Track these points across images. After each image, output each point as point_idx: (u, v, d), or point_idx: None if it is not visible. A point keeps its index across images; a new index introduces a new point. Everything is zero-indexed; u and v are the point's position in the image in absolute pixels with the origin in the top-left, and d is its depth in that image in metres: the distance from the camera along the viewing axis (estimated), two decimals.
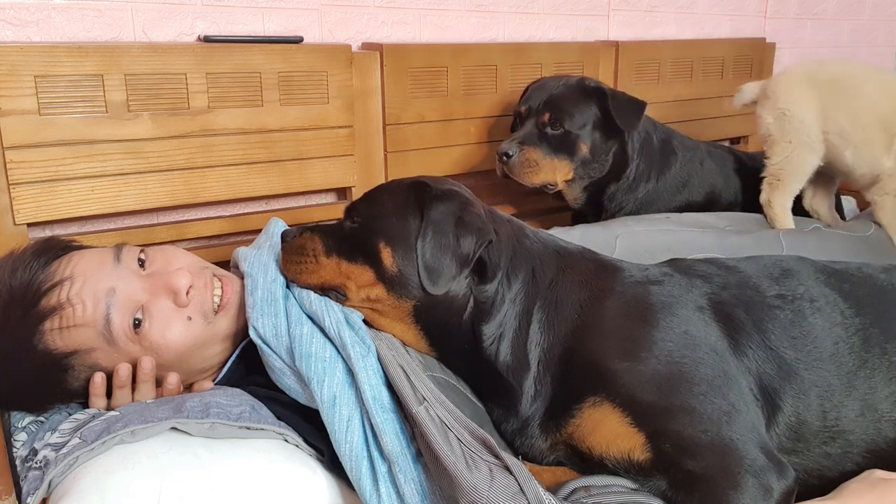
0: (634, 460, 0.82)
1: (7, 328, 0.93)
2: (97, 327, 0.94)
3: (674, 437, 0.80)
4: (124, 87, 1.23)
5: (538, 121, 1.54)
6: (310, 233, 0.99)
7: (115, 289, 0.96)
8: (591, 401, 0.85)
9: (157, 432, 0.88)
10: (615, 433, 0.83)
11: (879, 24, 2.91)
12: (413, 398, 0.86)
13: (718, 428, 0.80)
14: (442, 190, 0.94)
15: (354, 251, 0.94)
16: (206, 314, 1.01)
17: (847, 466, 0.89)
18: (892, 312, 0.96)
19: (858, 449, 0.89)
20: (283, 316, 0.96)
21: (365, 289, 0.95)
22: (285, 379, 0.95)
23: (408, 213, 0.92)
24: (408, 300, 0.93)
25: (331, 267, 0.96)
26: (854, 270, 1.02)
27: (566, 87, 1.56)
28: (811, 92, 1.50)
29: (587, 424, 0.86)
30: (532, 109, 1.56)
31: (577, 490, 0.84)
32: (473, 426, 0.85)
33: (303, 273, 0.97)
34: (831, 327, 0.93)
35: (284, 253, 1.00)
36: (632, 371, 0.85)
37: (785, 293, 0.96)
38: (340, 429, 0.87)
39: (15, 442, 0.95)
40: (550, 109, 1.53)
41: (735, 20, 2.38)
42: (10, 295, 0.93)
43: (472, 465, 0.80)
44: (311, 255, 0.97)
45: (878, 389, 0.90)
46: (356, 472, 0.85)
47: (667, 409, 0.82)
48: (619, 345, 0.88)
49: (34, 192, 1.19)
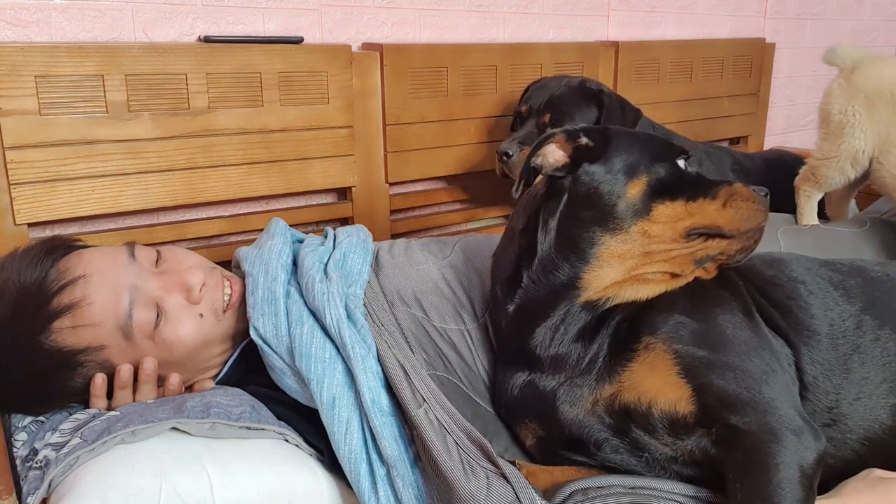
0: (680, 413, 0.82)
1: (15, 326, 0.92)
2: (118, 323, 0.94)
3: (718, 392, 0.81)
4: (125, 88, 1.23)
5: (538, 121, 1.54)
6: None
7: (135, 286, 0.96)
8: (646, 342, 0.86)
9: (158, 432, 0.88)
10: (665, 381, 0.84)
11: (879, 24, 2.91)
12: (412, 400, 0.86)
13: (759, 386, 0.82)
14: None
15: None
16: (217, 312, 1.01)
17: (846, 454, 0.90)
18: (884, 301, 0.97)
19: (856, 435, 0.90)
20: (284, 315, 0.96)
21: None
22: (286, 379, 0.95)
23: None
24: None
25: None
26: (845, 262, 1.04)
27: (568, 87, 1.56)
28: (888, 111, 1.33)
29: (642, 370, 0.86)
30: (533, 109, 1.56)
31: (575, 493, 0.84)
32: (472, 430, 0.85)
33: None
34: (825, 310, 0.95)
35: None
36: (684, 324, 0.87)
37: (778, 275, 0.99)
38: (339, 431, 0.87)
39: (15, 442, 0.95)
40: (551, 110, 1.53)
41: (735, 20, 2.38)
42: (19, 293, 0.93)
43: (470, 471, 0.80)
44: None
45: (872, 375, 0.91)
46: (355, 474, 0.86)
47: (713, 363, 0.83)
48: (676, 302, 0.90)
49: (35, 192, 1.19)
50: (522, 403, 0.95)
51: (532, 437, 0.96)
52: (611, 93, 1.58)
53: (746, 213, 0.88)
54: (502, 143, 1.53)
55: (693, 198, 0.89)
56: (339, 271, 1.02)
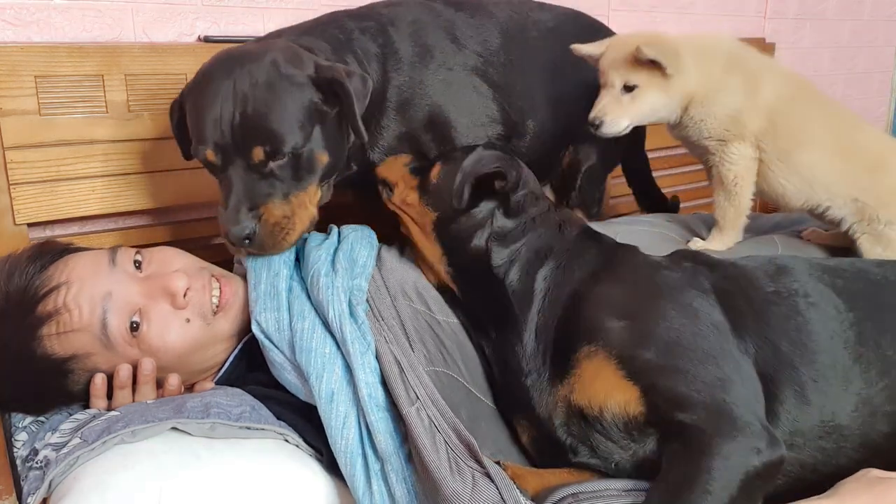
0: (631, 413, 0.82)
1: (6, 334, 0.93)
2: (94, 331, 0.94)
3: (667, 393, 0.81)
4: (125, 88, 1.23)
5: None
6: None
7: (112, 292, 0.95)
8: (586, 350, 0.87)
9: (158, 432, 0.88)
10: (611, 384, 0.84)
11: (879, 24, 2.91)
12: (405, 398, 0.86)
13: (713, 390, 0.81)
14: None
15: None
16: (205, 315, 1.01)
17: (841, 461, 0.89)
18: (885, 306, 0.96)
19: (852, 443, 0.89)
20: (286, 310, 0.97)
21: (405, 193, 1.08)
22: (286, 374, 0.95)
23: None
24: (430, 212, 1.05)
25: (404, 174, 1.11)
26: (847, 266, 1.03)
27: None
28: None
29: (586, 375, 0.86)
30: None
31: (565, 498, 0.83)
32: (461, 428, 0.85)
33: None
34: (826, 322, 0.93)
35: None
36: (630, 329, 0.87)
37: (780, 290, 0.96)
38: (337, 425, 0.88)
39: (16, 442, 0.95)
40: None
41: (735, 20, 2.38)
42: (6, 300, 0.93)
43: (456, 469, 0.80)
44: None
45: (873, 383, 0.90)
46: (350, 468, 0.86)
47: (661, 367, 0.83)
48: (622, 304, 0.91)
49: (34, 192, 1.19)
50: (512, 398, 0.96)
51: (527, 435, 0.96)
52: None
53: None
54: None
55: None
56: (346, 261, 1.02)
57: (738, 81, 1.23)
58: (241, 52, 1.01)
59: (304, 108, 0.98)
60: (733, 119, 1.23)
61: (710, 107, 1.22)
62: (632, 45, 1.16)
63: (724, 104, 1.22)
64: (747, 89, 1.23)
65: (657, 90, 1.20)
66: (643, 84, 1.19)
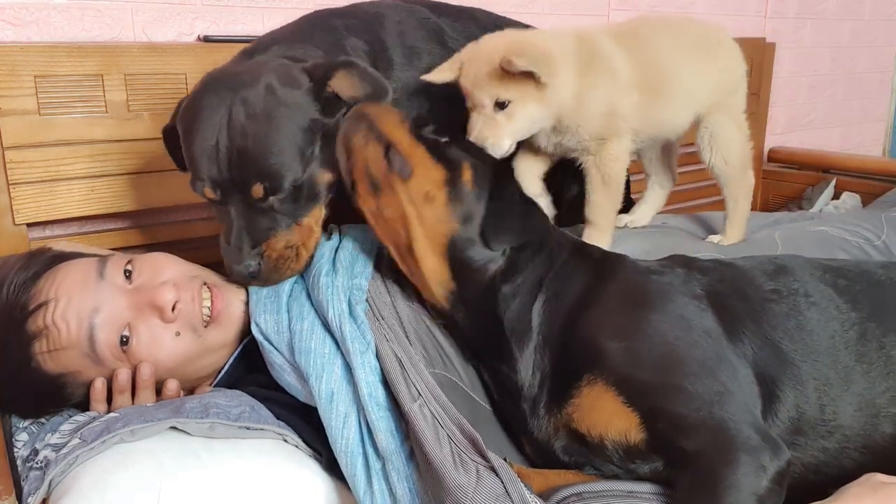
0: (632, 441, 0.82)
1: (1, 343, 0.93)
2: (82, 348, 0.94)
3: (667, 416, 0.81)
4: (124, 87, 1.23)
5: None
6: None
7: (99, 308, 0.94)
8: (587, 379, 0.86)
9: (157, 432, 0.88)
10: (611, 412, 0.83)
11: (879, 24, 2.91)
12: (407, 395, 0.86)
13: (710, 407, 0.81)
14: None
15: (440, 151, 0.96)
16: (196, 328, 0.99)
17: (844, 462, 0.89)
18: (889, 307, 0.95)
19: (855, 444, 0.89)
20: (285, 312, 0.97)
21: (429, 184, 0.93)
22: (285, 375, 0.95)
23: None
24: (453, 223, 0.93)
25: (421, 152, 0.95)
26: (850, 266, 1.02)
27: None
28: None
29: (585, 404, 0.86)
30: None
31: (569, 497, 0.83)
32: (465, 423, 0.85)
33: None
34: (827, 321, 0.93)
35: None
36: (625, 350, 0.86)
37: (780, 288, 0.96)
38: (337, 425, 0.87)
39: (16, 442, 0.95)
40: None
41: (735, 20, 2.38)
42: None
43: (460, 464, 0.80)
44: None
45: (876, 384, 0.90)
46: (351, 468, 0.86)
47: (659, 387, 0.83)
48: (615, 325, 0.90)
49: (34, 192, 1.19)
50: (511, 419, 0.96)
51: (528, 448, 0.96)
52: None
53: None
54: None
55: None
56: (346, 260, 1.02)
57: (600, 73, 1.13)
58: (234, 76, 0.97)
59: (303, 131, 0.96)
60: (608, 115, 1.14)
61: (585, 108, 1.12)
62: (495, 58, 1.03)
63: (597, 101, 1.12)
64: (608, 79, 1.13)
65: (533, 101, 1.07)
66: (516, 98, 1.06)
